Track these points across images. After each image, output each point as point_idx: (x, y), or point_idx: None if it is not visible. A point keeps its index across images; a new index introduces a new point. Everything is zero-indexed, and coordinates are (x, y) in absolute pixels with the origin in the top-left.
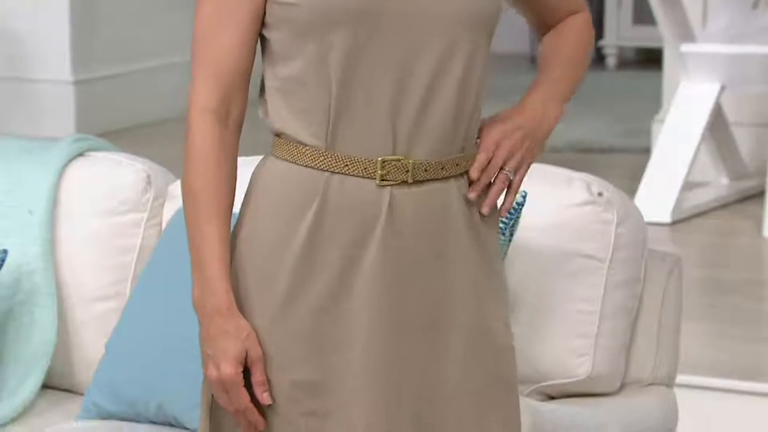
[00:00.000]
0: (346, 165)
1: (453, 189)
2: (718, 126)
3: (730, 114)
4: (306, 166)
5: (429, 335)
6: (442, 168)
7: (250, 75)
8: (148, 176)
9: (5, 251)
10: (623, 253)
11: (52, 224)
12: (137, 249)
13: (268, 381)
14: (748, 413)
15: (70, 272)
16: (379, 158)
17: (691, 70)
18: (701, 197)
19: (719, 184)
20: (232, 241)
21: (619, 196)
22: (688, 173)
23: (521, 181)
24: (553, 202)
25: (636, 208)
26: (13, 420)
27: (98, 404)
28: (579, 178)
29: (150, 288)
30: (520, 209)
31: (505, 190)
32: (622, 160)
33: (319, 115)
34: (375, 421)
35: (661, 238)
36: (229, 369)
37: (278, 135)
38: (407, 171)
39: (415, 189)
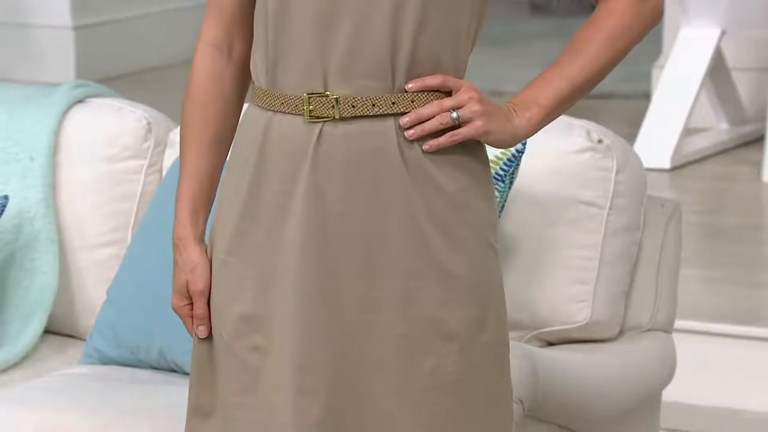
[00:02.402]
0: (282, 103)
1: (391, 131)
2: (718, 71)
3: (730, 59)
4: (257, 106)
5: (360, 280)
6: (373, 105)
7: (253, 10)
8: (149, 123)
9: (6, 197)
10: (622, 199)
11: (53, 170)
12: (138, 196)
13: (220, 312)
14: (747, 358)
15: (72, 218)
16: (305, 93)
17: (691, 15)
18: (701, 143)
19: (719, 130)
20: None
21: (618, 142)
22: (688, 119)
23: (464, 135)
24: (553, 148)
25: (635, 155)
26: (15, 365)
27: (99, 350)
28: (579, 124)
29: (150, 235)
30: (520, 156)
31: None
32: (622, 106)
33: (263, 55)
34: (306, 363)
35: (661, 184)
36: (174, 300)
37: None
38: (332, 106)
39: (344, 127)
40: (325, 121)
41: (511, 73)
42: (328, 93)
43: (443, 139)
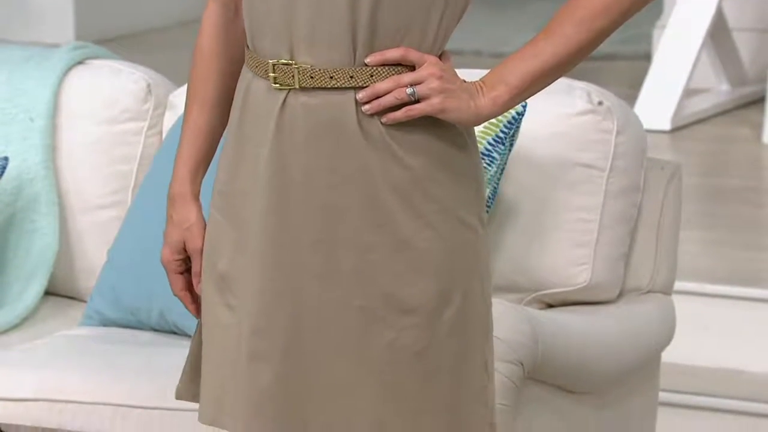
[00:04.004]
0: (257, 67)
1: (350, 104)
2: (719, 31)
3: (731, 19)
4: (245, 65)
5: (319, 252)
6: (331, 77)
7: None
8: (149, 85)
9: (6, 158)
10: (623, 162)
11: (52, 132)
12: (138, 158)
13: (209, 268)
14: (746, 319)
15: (72, 180)
16: (270, 61)
17: None
18: (701, 104)
19: (719, 91)
20: None
21: (619, 104)
22: (689, 80)
23: (420, 111)
24: (553, 111)
25: (636, 117)
26: (16, 326)
27: (100, 311)
28: (579, 86)
29: (151, 197)
30: (520, 119)
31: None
32: (623, 68)
33: (245, 18)
34: (260, 329)
35: (661, 145)
36: (165, 254)
37: None
38: (293, 76)
39: (305, 97)
40: (289, 90)
41: (507, 36)
42: (291, 62)
43: (399, 114)
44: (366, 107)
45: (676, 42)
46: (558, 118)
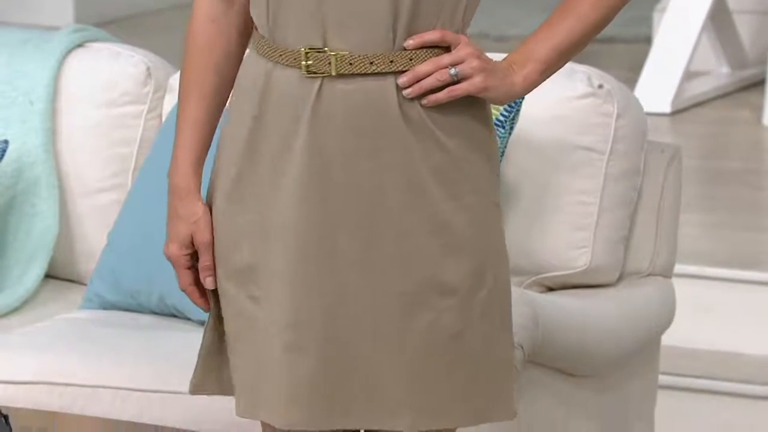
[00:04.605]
0: (281, 55)
1: (390, 89)
2: (719, 14)
3: (731, 2)
4: (259, 54)
5: (359, 238)
6: (371, 63)
7: None
8: (148, 68)
9: (6, 141)
10: (623, 145)
11: (52, 115)
12: (137, 141)
13: (223, 261)
14: (746, 302)
15: (72, 163)
16: (302, 48)
17: None
18: (701, 86)
19: (720, 73)
20: None
21: (619, 87)
22: (689, 62)
23: (464, 91)
24: (554, 94)
25: (636, 100)
26: (16, 309)
27: (100, 295)
28: (580, 70)
29: (151, 180)
30: (520, 102)
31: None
32: (623, 51)
33: (259, 5)
34: (297, 320)
35: (661, 128)
36: (173, 249)
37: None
38: (330, 63)
39: (343, 84)
40: (324, 77)
41: (516, 18)
42: (326, 49)
43: (442, 95)
44: (407, 91)
45: (676, 25)
46: (558, 101)
